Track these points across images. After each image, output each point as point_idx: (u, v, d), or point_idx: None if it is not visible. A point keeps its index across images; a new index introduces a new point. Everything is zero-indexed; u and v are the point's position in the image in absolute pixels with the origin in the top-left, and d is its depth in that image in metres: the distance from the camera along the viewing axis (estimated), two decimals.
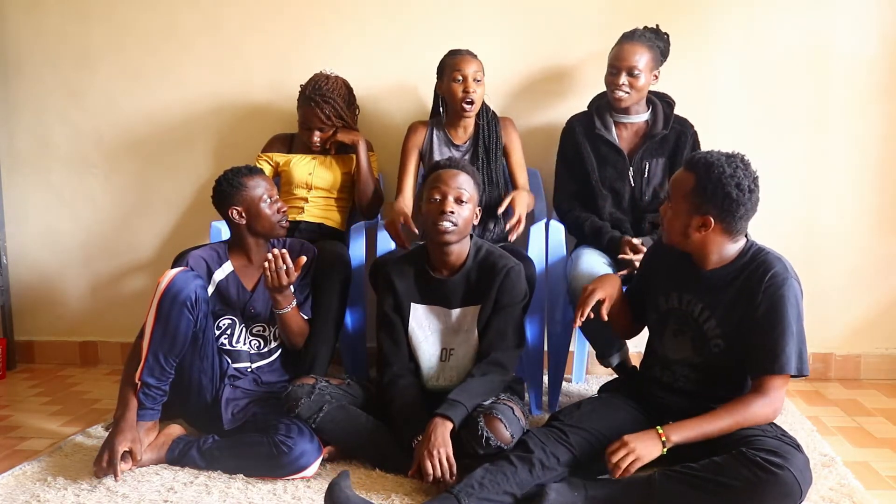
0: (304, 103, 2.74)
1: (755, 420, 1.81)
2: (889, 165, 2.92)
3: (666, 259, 2.03)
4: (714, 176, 1.81)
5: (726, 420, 1.81)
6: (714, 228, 1.85)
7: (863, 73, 2.88)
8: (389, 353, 2.24)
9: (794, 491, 1.68)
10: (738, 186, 1.80)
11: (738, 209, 1.82)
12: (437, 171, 2.19)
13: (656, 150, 2.57)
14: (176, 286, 2.09)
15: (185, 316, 2.09)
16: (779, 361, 1.81)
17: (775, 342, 1.81)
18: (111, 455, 2.01)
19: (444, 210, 2.11)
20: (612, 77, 2.52)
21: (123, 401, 2.12)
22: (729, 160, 1.83)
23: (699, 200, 1.84)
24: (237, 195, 2.29)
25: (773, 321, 1.82)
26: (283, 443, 2.02)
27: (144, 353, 2.09)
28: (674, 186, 1.91)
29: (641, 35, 2.53)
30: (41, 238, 3.32)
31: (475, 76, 2.60)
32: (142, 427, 2.11)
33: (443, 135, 2.72)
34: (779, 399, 1.83)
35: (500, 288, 2.18)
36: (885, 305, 2.98)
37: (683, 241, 1.91)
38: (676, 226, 1.90)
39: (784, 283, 1.82)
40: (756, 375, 1.85)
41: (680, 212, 1.88)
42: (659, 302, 2.03)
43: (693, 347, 1.95)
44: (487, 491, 1.78)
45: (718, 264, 1.91)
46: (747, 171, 1.83)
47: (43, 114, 3.26)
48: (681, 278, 1.98)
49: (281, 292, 2.22)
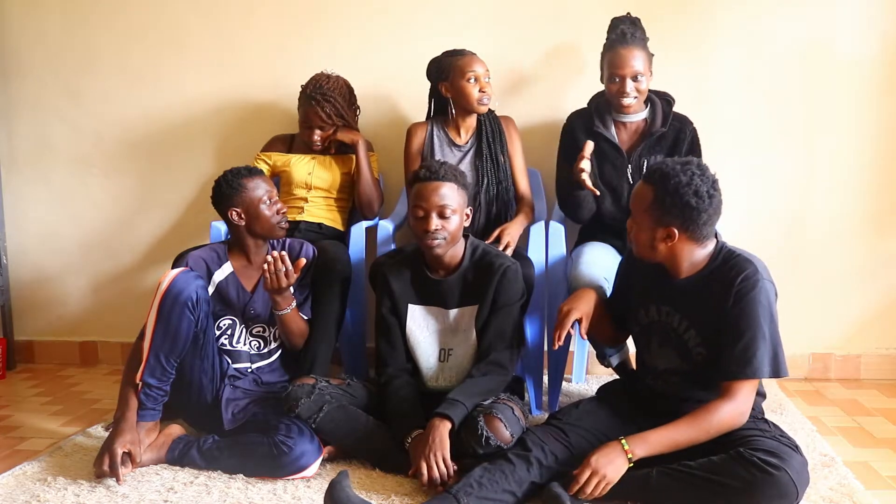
0: (305, 102, 2.75)
1: (723, 426, 1.79)
2: (889, 165, 2.92)
3: (641, 272, 2.02)
4: (671, 187, 1.80)
5: (693, 429, 1.78)
6: (679, 238, 1.84)
7: (862, 72, 2.88)
8: (386, 354, 2.24)
9: (790, 492, 1.68)
10: (696, 194, 1.79)
11: (700, 216, 1.80)
12: (418, 185, 2.17)
13: (655, 147, 2.57)
14: (177, 286, 2.09)
15: (186, 316, 2.09)
16: (751, 366, 1.78)
17: (747, 347, 1.79)
18: (111, 457, 2.01)
19: (429, 229, 2.12)
20: (616, 85, 2.50)
21: (124, 401, 2.12)
22: (684, 168, 1.81)
23: (660, 213, 1.83)
24: (236, 196, 2.29)
25: (745, 325, 1.79)
26: (284, 443, 2.02)
27: (145, 353, 2.09)
28: (634, 201, 1.90)
29: (632, 36, 2.52)
30: (41, 238, 3.32)
31: (486, 74, 2.62)
32: (142, 427, 2.11)
33: (443, 135, 2.72)
34: (746, 403, 1.81)
35: (498, 288, 2.18)
36: (884, 305, 2.98)
37: (652, 254, 1.90)
38: (643, 240, 1.89)
39: (755, 286, 1.80)
40: (726, 380, 1.81)
41: (644, 226, 1.87)
42: (639, 316, 2.03)
43: (679, 356, 1.94)
44: (486, 490, 1.78)
45: (691, 272, 1.90)
46: (704, 176, 1.81)
47: (43, 114, 3.26)
48: (657, 290, 1.97)
49: (280, 294, 2.22)
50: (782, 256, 2.93)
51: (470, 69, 2.60)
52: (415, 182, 2.18)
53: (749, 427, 1.84)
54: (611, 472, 1.76)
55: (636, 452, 1.77)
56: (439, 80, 2.68)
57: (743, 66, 2.91)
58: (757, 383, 1.83)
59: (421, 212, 2.14)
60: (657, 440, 1.79)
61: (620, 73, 2.49)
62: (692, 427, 1.78)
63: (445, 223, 2.13)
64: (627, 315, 2.09)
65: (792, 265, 2.94)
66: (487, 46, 2.77)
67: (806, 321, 2.96)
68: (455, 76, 2.62)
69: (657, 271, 1.95)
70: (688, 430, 1.78)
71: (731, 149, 2.93)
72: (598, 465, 1.76)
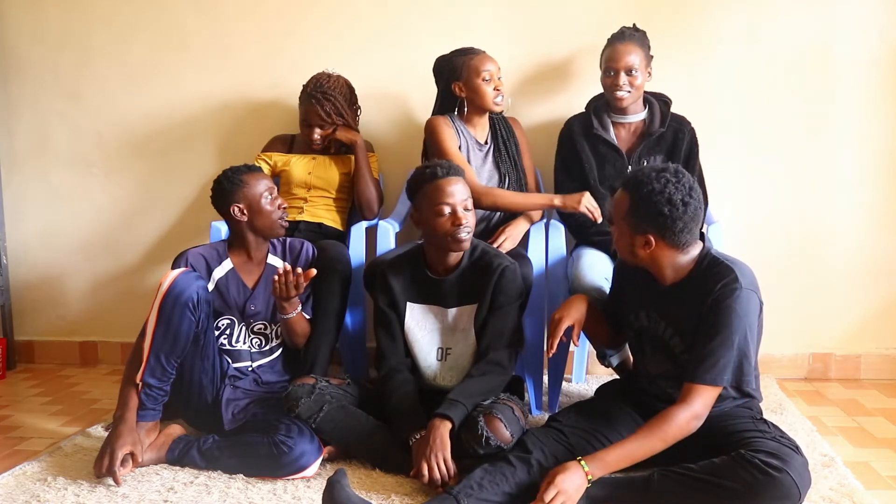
0: (306, 100, 2.75)
1: (680, 433, 1.76)
2: (889, 166, 2.92)
3: (632, 277, 2.02)
4: (644, 195, 1.80)
5: (650, 440, 1.76)
6: (658, 245, 1.84)
7: (863, 72, 2.88)
8: (386, 347, 2.24)
9: (792, 493, 1.67)
10: (669, 202, 1.78)
11: (675, 224, 1.80)
12: (437, 182, 2.15)
13: (654, 148, 2.58)
14: (178, 287, 2.09)
15: (186, 317, 2.09)
16: (711, 373, 1.77)
17: (712, 352, 1.77)
18: (111, 458, 2.01)
19: (460, 223, 2.12)
20: (610, 79, 2.55)
21: (123, 401, 2.12)
22: (658, 175, 1.80)
23: (636, 220, 1.83)
24: (239, 192, 2.29)
25: (714, 331, 1.78)
26: (284, 443, 2.02)
27: (146, 353, 2.09)
28: (613, 207, 1.91)
29: (631, 35, 2.56)
30: (41, 238, 3.32)
31: (498, 73, 2.62)
32: (142, 427, 2.11)
33: (468, 134, 2.70)
34: (704, 409, 1.78)
35: (496, 287, 2.18)
36: (884, 305, 2.98)
37: (633, 260, 1.90)
38: (623, 246, 1.90)
39: (732, 294, 1.78)
40: (687, 381, 1.80)
41: (623, 232, 1.88)
42: (631, 320, 2.03)
43: (670, 362, 1.94)
44: (486, 491, 1.78)
45: (676, 278, 1.89)
46: (679, 183, 1.80)
47: (43, 114, 3.26)
48: (645, 295, 1.97)
49: (288, 300, 2.23)
50: (782, 257, 2.94)
51: (484, 68, 2.59)
52: (430, 181, 2.16)
53: (749, 428, 1.84)
54: (571, 491, 1.73)
55: (595, 474, 1.75)
56: (452, 80, 2.65)
57: (742, 67, 2.91)
58: (717, 391, 1.80)
59: (448, 208, 2.13)
60: (614, 459, 1.76)
61: (614, 67, 2.52)
62: (648, 439, 1.76)
63: (469, 216, 2.15)
64: (622, 320, 2.09)
65: (791, 265, 2.95)
66: (489, 46, 2.76)
67: (806, 321, 2.96)
68: (470, 75, 2.61)
69: (646, 277, 1.95)
70: (644, 443, 1.76)
71: (730, 149, 2.93)
72: (560, 480, 1.73)
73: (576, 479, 1.74)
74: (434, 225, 2.16)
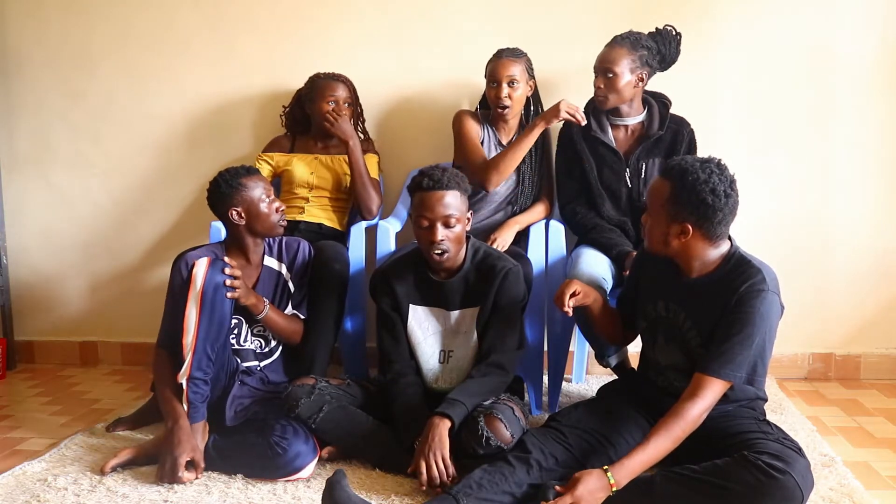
0: (321, 81, 2.80)
1: (692, 427, 1.76)
2: (889, 166, 2.92)
3: (653, 267, 2.02)
4: (689, 183, 1.80)
5: (669, 439, 1.75)
6: (693, 235, 1.84)
7: (865, 72, 2.88)
8: (390, 350, 2.24)
9: (795, 496, 1.67)
10: (713, 192, 1.79)
11: (716, 214, 1.81)
12: (420, 194, 2.13)
13: (652, 150, 2.57)
14: (213, 274, 2.13)
15: (227, 300, 2.14)
16: (727, 367, 1.77)
17: (731, 347, 1.78)
18: (174, 466, 2.01)
19: (434, 240, 2.11)
20: (595, 80, 2.56)
21: (170, 409, 2.11)
22: (703, 165, 1.82)
23: (676, 208, 1.83)
24: (236, 196, 2.28)
25: (737, 328, 1.79)
26: (278, 444, 2.02)
27: (191, 348, 2.09)
28: (651, 195, 1.90)
29: (626, 38, 2.53)
30: (41, 238, 3.32)
31: (509, 80, 2.62)
32: (196, 431, 2.11)
33: (492, 132, 2.73)
34: (712, 401, 1.79)
35: (499, 290, 2.17)
36: (885, 305, 2.98)
37: (664, 249, 1.90)
38: (656, 234, 1.89)
39: (758, 295, 1.79)
40: (701, 372, 1.80)
41: (659, 221, 1.88)
42: (648, 310, 2.03)
43: (682, 354, 1.95)
44: (486, 491, 1.78)
45: (702, 272, 1.90)
46: (723, 175, 1.82)
47: (43, 114, 3.25)
48: (667, 286, 1.97)
49: (248, 302, 2.23)
50: (782, 257, 2.91)
51: (492, 74, 2.64)
52: (416, 190, 2.15)
53: (752, 430, 1.84)
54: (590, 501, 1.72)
55: (620, 482, 1.73)
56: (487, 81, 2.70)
57: (742, 67, 2.91)
58: (727, 386, 1.81)
59: (426, 222, 2.12)
60: (638, 464, 1.75)
61: (595, 67, 2.55)
62: (667, 438, 1.75)
63: (449, 232, 2.12)
64: (637, 309, 2.09)
65: (792, 265, 2.93)
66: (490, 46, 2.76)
67: (806, 321, 2.96)
68: (487, 79, 2.67)
69: (669, 268, 1.96)
70: (664, 442, 1.75)
71: (731, 150, 2.90)
72: (580, 491, 1.71)
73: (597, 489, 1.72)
74: (417, 234, 2.17)
